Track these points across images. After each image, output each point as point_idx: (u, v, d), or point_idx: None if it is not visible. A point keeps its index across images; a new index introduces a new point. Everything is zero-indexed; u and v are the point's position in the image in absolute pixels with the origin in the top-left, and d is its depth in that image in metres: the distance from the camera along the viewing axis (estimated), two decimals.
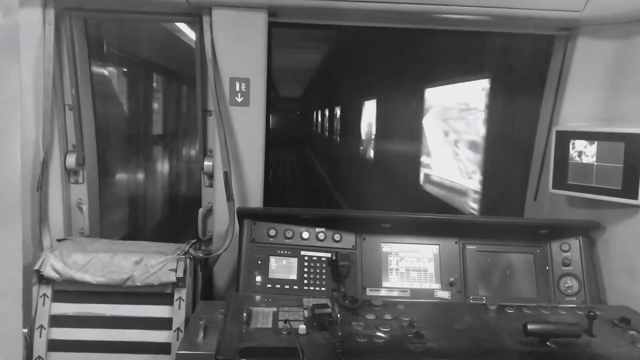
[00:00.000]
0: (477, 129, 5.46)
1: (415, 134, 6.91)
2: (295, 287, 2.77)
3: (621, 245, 2.87)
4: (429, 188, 6.61)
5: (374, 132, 9.17)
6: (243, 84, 3.00)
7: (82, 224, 3.29)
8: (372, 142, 9.32)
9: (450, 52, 5.82)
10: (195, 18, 3.01)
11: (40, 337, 2.77)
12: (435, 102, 6.53)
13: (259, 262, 2.81)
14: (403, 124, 7.52)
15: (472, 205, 5.36)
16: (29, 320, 2.79)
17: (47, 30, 2.91)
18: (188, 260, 2.86)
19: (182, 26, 5.04)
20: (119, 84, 5.27)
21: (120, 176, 5.12)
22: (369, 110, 9.32)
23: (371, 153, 9.47)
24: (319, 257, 2.85)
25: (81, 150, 3.22)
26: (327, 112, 13.90)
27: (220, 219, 3.12)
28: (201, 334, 2.40)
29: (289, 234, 2.88)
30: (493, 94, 5.09)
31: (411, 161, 7.14)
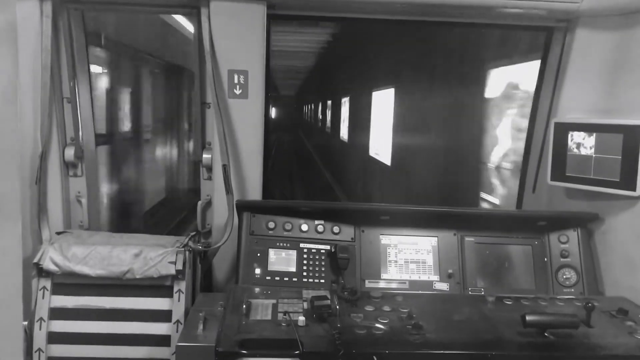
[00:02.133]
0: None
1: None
2: (294, 279, 2.78)
3: (619, 237, 2.88)
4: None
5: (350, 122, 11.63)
6: (242, 77, 2.99)
7: (81, 217, 3.29)
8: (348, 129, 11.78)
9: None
10: (194, 10, 3.00)
11: (40, 329, 2.78)
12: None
13: (258, 254, 2.82)
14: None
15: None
16: (28, 313, 2.80)
17: (44, 22, 2.89)
18: (187, 252, 2.87)
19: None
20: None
21: None
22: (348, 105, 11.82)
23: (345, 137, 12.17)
24: (318, 250, 2.85)
25: (79, 143, 3.22)
26: (312, 106, 19.06)
27: (220, 212, 3.12)
28: (201, 326, 2.41)
29: (288, 226, 2.89)
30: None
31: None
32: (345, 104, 11.50)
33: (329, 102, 14.23)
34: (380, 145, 8.42)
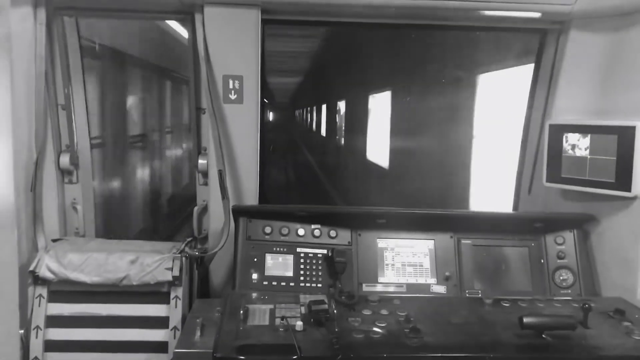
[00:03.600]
0: None
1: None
2: (291, 284, 2.77)
3: (615, 238, 2.88)
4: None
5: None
6: (236, 82, 2.99)
7: (77, 224, 3.28)
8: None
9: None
10: (188, 16, 3.00)
11: (37, 337, 2.77)
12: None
13: (255, 259, 2.81)
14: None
15: None
16: (25, 321, 2.78)
17: (38, 29, 2.89)
18: (184, 258, 2.87)
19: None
20: None
21: None
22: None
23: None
24: (315, 254, 2.85)
25: (75, 150, 3.21)
26: (303, 111, 23.79)
27: (216, 217, 3.12)
28: (198, 332, 2.41)
29: (284, 231, 2.89)
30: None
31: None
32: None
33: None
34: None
